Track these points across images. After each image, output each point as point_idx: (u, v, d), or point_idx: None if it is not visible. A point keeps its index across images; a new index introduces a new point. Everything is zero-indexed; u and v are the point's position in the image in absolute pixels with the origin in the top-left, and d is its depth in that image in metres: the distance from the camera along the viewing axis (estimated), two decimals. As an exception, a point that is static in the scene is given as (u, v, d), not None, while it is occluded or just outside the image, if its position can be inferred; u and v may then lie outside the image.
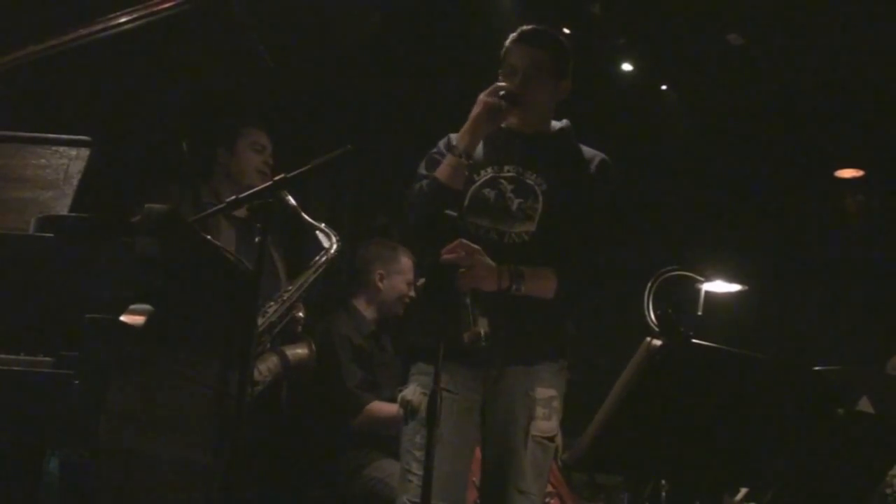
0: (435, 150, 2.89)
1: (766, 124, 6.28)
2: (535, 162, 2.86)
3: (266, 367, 3.32)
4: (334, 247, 3.40)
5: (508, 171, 2.86)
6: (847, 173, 6.62)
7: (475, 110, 2.76)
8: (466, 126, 2.78)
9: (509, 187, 2.84)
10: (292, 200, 3.30)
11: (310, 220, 3.38)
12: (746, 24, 5.66)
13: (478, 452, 2.89)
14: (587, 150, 2.95)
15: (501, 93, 2.76)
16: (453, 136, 2.83)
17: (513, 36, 2.90)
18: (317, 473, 3.97)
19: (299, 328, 3.49)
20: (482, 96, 2.77)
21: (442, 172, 2.77)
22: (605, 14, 5.58)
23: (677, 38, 5.84)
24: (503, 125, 2.90)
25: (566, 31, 5.13)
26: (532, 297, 2.75)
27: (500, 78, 2.86)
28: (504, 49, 2.90)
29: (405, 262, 4.15)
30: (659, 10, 5.63)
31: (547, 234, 2.81)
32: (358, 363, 3.94)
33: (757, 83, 6.08)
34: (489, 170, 2.86)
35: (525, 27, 2.91)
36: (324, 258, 3.42)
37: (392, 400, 3.31)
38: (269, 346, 3.36)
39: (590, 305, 3.08)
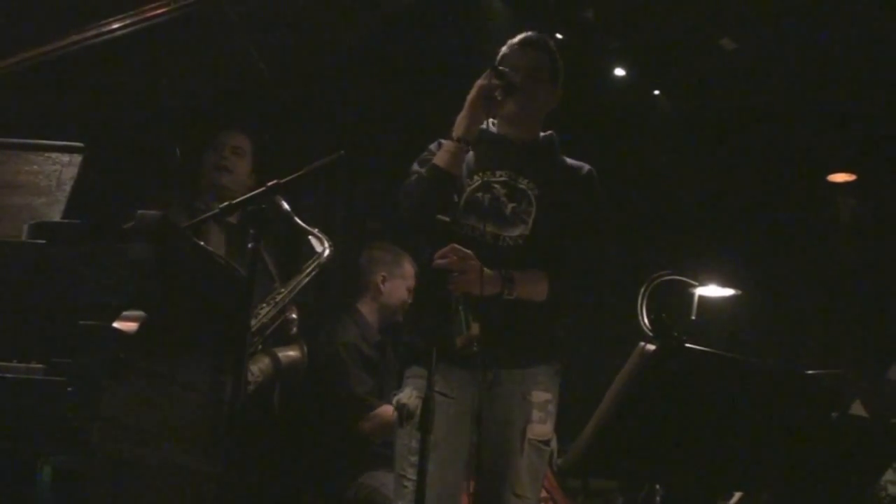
0: (426, 152, 2.90)
1: (758, 129, 6.29)
2: (527, 168, 2.88)
3: (258, 368, 3.33)
4: (326, 251, 3.41)
5: (501, 176, 2.87)
6: (840, 177, 6.64)
7: (471, 94, 2.78)
8: (463, 112, 2.79)
9: (502, 192, 2.85)
10: (286, 205, 3.31)
11: (303, 224, 3.38)
12: (739, 29, 5.67)
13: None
14: (573, 161, 2.98)
15: (501, 68, 2.78)
16: (444, 142, 2.84)
17: (514, 40, 2.94)
18: (311, 480, 3.96)
19: (294, 329, 3.49)
20: (478, 81, 2.78)
21: (441, 158, 2.78)
22: (598, 19, 5.59)
23: (670, 43, 5.85)
24: (494, 130, 2.92)
25: (559, 36, 5.15)
26: (524, 301, 2.75)
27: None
28: (502, 54, 2.92)
29: (408, 268, 4.13)
30: (651, 15, 5.64)
31: (540, 237, 2.82)
32: (367, 371, 3.94)
33: (749, 88, 6.10)
34: (482, 175, 2.88)
35: (528, 33, 2.95)
36: (315, 262, 3.42)
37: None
38: (260, 347, 3.36)
39: (583, 309, 3.09)
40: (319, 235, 3.43)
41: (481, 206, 2.83)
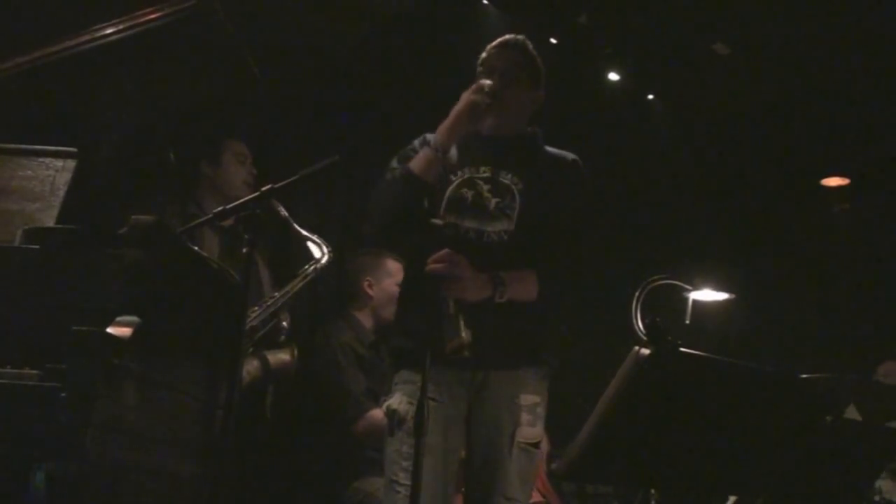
0: (409, 146, 2.89)
1: (752, 133, 6.31)
2: (510, 162, 2.86)
3: (245, 370, 3.30)
4: (325, 258, 3.39)
5: (484, 172, 2.85)
6: (833, 182, 6.66)
7: (458, 106, 2.77)
8: (447, 122, 2.77)
9: (486, 187, 2.83)
10: (284, 211, 3.29)
11: (301, 230, 3.36)
12: (732, 34, 5.69)
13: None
14: (557, 151, 2.96)
15: (486, 90, 2.77)
16: (429, 136, 2.82)
17: (492, 44, 2.94)
18: (306, 485, 3.96)
19: (282, 337, 3.46)
20: (465, 94, 2.78)
21: (416, 164, 2.77)
22: (591, 24, 5.61)
23: (664, 48, 5.87)
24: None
25: (553, 40, 5.16)
26: (513, 303, 2.73)
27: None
28: (482, 58, 2.94)
29: (391, 265, 4.16)
30: (645, 20, 5.66)
31: (525, 232, 2.79)
32: (362, 371, 3.94)
33: (743, 92, 6.11)
34: (465, 171, 2.86)
35: (506, 36, 2.96)
36: (312, 268, 3.40)
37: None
38: (250, 350, 3.34)
39: (577, 312, 3.09)
40: (319, 241, 3.41)
41: (464, 203, 2.81)
